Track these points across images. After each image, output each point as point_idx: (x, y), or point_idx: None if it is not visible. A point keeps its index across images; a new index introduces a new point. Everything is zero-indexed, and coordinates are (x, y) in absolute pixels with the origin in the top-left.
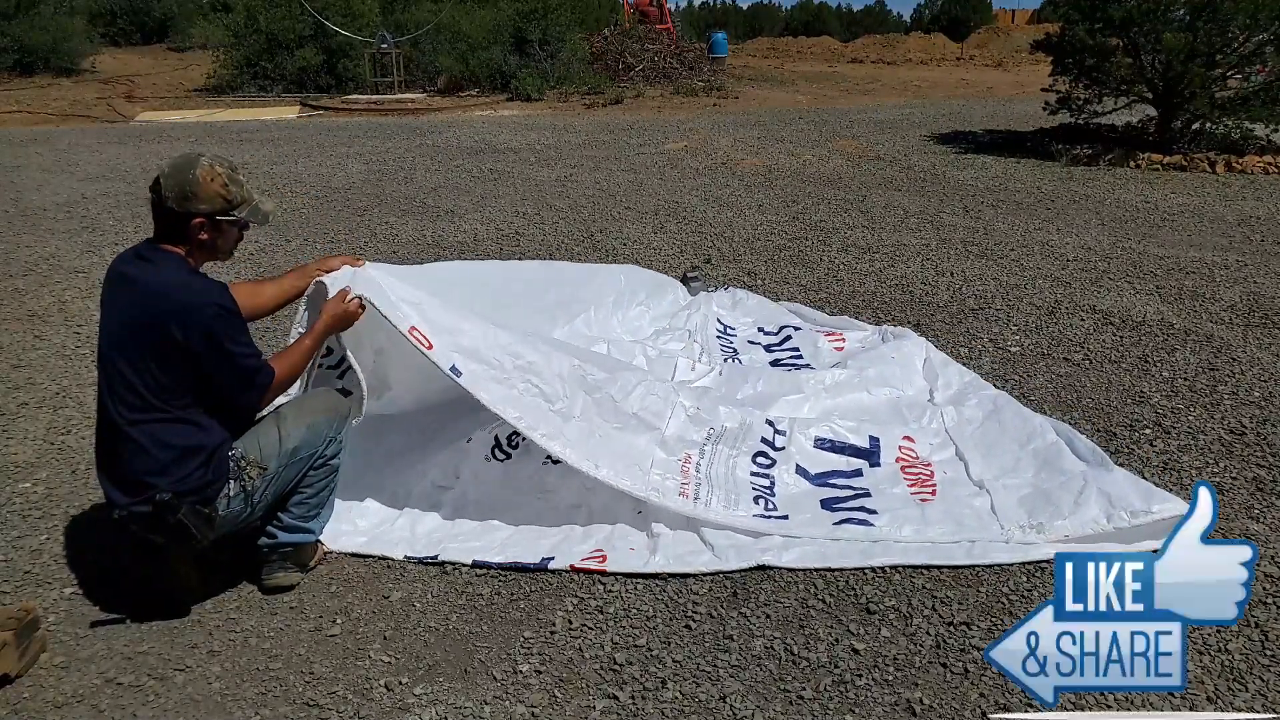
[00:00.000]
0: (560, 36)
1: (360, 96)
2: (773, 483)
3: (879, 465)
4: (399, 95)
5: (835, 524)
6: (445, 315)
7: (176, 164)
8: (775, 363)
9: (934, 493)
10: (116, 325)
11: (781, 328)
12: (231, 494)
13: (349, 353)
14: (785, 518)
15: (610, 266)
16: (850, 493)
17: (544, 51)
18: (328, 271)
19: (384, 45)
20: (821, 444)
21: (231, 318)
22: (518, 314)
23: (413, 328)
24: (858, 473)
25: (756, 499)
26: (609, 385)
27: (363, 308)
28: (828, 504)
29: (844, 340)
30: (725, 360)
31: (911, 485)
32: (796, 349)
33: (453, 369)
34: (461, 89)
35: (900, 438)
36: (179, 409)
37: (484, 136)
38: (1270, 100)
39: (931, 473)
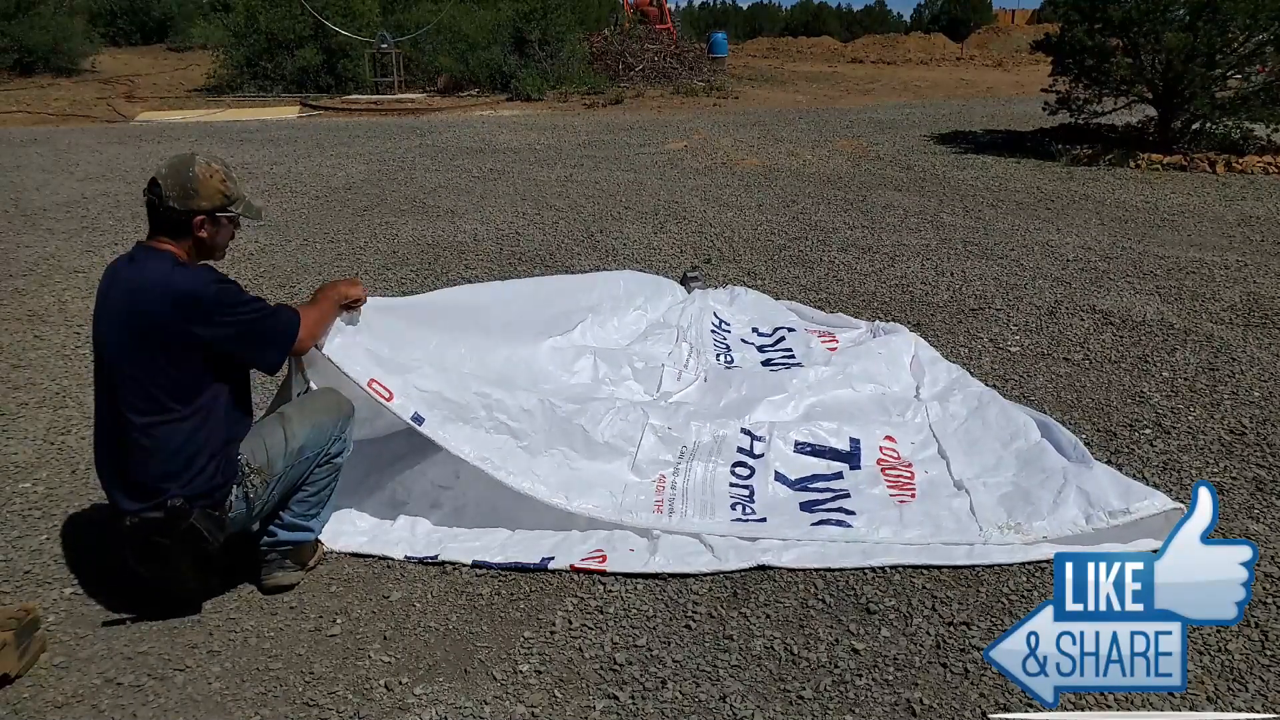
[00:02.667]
0: (560, 36)
1: (360, 96)
2: (752, 491)
3: (859, 468)
4: (399, 95)
5: (813, 524)
6: (410, 357)
7: (173, 164)
8: (767, 363)
9: (913, 495)
10: (117, 329)
11: (776, 328)
12: (237, 496)
13: (311, 384)
14: (764, 520)
15: (610, 273)
16: (829, 495)
17: (544, 51)
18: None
19: (384, 45)
20: (801, 448)
21: (228, 286)
22: (514, 336)
23: (372, 380)
24: (838, 475)
25: (734, 505)
26: (579, 416)
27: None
28: (806, 506)
29: (837, 342)
30: (717, 357)
31: (891, 487)
32: (790, 350)
33: (414, 417)
34: (461, 89)
35: (882, 438)
36: (194, 405)
37: (484, 136)
38: (1270, 100)
39: (912, 474)
